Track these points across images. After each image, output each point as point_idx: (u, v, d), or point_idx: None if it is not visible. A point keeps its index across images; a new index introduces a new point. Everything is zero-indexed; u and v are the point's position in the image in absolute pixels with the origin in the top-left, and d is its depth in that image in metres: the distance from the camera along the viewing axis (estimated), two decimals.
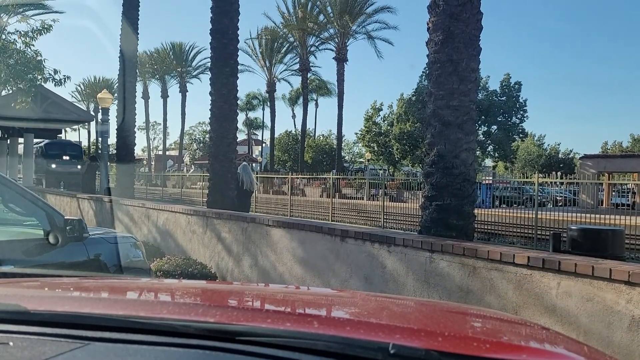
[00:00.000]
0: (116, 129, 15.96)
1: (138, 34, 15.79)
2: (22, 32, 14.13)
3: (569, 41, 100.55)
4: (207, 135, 16.72)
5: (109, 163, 17.83)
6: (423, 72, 39.20)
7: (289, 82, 47.65)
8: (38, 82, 15.21)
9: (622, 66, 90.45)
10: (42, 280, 2.03)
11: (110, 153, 18.56)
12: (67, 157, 31.53)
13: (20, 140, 26.09)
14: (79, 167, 26.41)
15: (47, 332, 1.13)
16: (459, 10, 5.72)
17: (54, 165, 31.13)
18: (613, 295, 3.18)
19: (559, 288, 3.46)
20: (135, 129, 16.57)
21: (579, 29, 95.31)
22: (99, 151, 24.51)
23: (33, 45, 14.22)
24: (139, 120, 33.18)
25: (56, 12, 18.28)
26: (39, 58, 14.42)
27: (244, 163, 13.17)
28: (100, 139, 16.87)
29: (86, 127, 69.89)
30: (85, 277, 2.95)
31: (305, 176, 30.73)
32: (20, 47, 14.22)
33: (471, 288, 4.02)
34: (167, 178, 43.40)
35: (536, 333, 1.46)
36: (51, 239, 4.18)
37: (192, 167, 62.89)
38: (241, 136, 57.19)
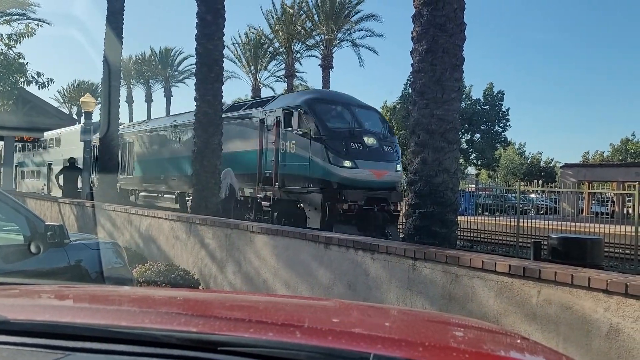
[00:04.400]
0: (99, 137, 15.75)
1: (122, 38, 15.70)
2: (5, 35, 13.97)
3: (552, 50, 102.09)
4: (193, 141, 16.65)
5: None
6: (407, 79, 39.50)
7: (272, 89, 47.61)
8: (20, 85, 15.03)
9: (605, 76, 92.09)
10: (21, 288, 2.01)
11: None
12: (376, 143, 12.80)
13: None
14: (394, 170, 12.68)
15: (26, 342, 1.12)
16: (443, 20, 5.79)
17: (347, 165, 12.03)
18: (591, 303, 3.23)
19: (539, 296, 3.50)
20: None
21: (562, 38, 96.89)
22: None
23: (15, 47, 14.06)
24: None
25: (43, 21, 18.05)
26: (21, 60, 14.26)
27: (227, 169, 13.11)
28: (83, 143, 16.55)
29: None
30: (66, 285, 2.92)
31: None
32: (2, 49, 14.05)
33: (453, 296, 4.05)
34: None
35: (515, 343, 1.49)
36: (31, 246, 4.12)
37: None
38: None
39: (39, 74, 14.60)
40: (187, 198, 15.76)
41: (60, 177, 16.29)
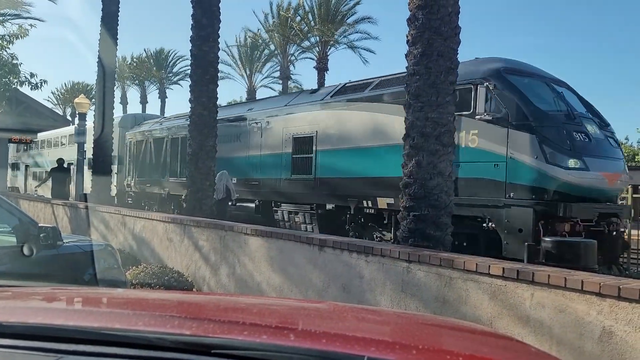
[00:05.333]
0: (93, 139, 15.66)
1: (117, 39, 15.67)
2: None
3: (545, 54, 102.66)
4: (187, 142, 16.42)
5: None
6: None
7: (272, 89, 47.65)
8: (13, 86, 14.98)
9: (599, 79, 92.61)
10: (14, 290, 2.00)
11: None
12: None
13: None
14: (625, 172, 9.36)
15: (19, 345, 1.11)
16: (437, 24, 5.80)
17: (574, 165, 8.17)
18: (584, 306, 3.24)
19: (533, 299, 3.51)
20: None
21: (555, 42, 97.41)
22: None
23: (9, 48, 14.01)
24: None
25: (36, 19, 17.95)
26: (14, 61, 14.21)
27: (223, 171, 13.09)
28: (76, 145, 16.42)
29: None
30: (59, 287, 2.90)
31: None
32: None
33: (447, 298, 4.06)
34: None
35: (509, 346, 1.49)
36: (24, 247, 4.10)
37: None
38: None
39: (32, 75, 14.58)
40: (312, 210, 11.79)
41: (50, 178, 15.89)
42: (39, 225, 4.33)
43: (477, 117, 8.61)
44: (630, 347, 3.03)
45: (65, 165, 16.30)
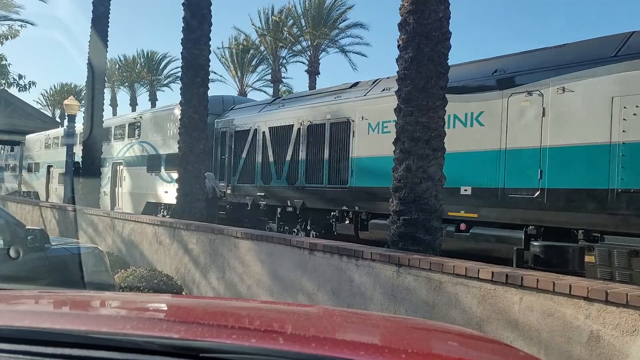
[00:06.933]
0: (82, 142, 15.53)
1: (107, 41, 15.58)
2: None
3: None
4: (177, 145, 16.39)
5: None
6: None
7: (263, 92, 47.66)
8: (1, 87, 14.85)
9: None
10: (0, 293, 1.98)
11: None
12: None
13: None
14: None
15: (4, 349, 1.10)
16: (428, 29, 5.83)
17: None
18: (573, 310, 3.26)
19: (522, 303, 3.53)
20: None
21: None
22: None
23: None
24: None
25: (26, 21, 17.77)
26: (3, 62, 14.10)
27: (209, 172, 13.07)
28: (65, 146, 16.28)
29: None
30: (46, 290, 2.87)
31: None
32: None
33: (437, 302, 4.07)
34: None
35: (498, 350, 1.49)
36: (11, 250, 4.06)
37: None
38: None
39: (20, 77, 14.46)
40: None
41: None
42: (27, 227, 4.29)
43: None
44: (618, 352, 3.05)
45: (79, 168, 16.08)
